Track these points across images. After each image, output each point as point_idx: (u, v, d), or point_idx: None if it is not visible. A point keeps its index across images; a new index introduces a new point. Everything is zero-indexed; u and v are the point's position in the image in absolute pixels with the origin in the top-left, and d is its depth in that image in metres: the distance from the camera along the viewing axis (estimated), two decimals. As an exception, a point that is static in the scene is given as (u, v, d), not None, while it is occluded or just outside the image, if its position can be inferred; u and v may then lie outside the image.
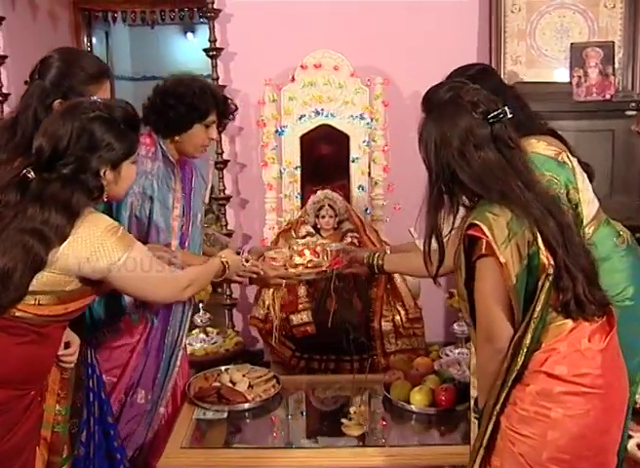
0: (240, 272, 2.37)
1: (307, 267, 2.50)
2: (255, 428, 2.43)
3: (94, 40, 5.38)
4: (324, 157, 3.76)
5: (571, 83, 3.71)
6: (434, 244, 1.77)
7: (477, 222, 1.63)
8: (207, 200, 2.56)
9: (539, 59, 3.88)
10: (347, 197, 3.63)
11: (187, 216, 2.40)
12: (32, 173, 1.74)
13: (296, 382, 2.74)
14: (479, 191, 1.69)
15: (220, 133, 2.39)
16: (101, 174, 1.79)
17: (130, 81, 6.52)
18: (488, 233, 1.61)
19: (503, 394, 1.67)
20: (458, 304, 3.16)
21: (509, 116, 1.71)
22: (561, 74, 3.84)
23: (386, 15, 3.80)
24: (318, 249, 2.55)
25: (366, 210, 3.72)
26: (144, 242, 2.22)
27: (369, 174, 3.70)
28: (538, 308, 1.63)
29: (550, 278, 1.63)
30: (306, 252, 2.54)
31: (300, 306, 3.17)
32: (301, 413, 2.56)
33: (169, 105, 2.23)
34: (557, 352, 1.64)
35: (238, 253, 2.43)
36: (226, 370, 2.66)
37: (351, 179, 3.72)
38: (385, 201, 3.69)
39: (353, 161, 3.70)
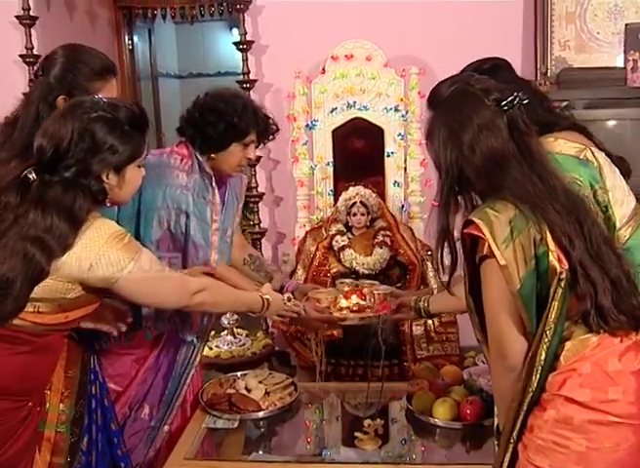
0: (281, 311, 2.27)
1: (353, 311, 2.37)
2: (267, 439, 2.30)
3: (135, 38, 5.34)
4: (357, 152, 3.62)
5: (625, 68, 3.46)
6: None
7: (474, 219, 1.48)
8: (239, 217, 2.45)
9: (589, 44, 3.62)
10: (382, 194, 3.51)
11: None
12: (33, 174, 1.65)
13: (315, 390, 2.60)
14: (486, 188, 1.53)
15: (257, 148, 2.27)
16: (104, 177, 1.70)
17: (176, 79, 6.50)
18: (486, 231, 1.45)
19: (520, 419, 1.49)
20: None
21: (525, 101, 1.54)
22: (614, 59, 3.58)
23: (421, 0, 3.61)
24: (365, 291, 2.41)
25: (402, 207, 3.57)
26: (183, 258, 2.17)
27: (405, 169, 3.55)
28: (551, 319, 1.44)
29: (563, 284, 1.44)
30: (354, 296, 2.40)
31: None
32: (317, 424, 2.42)
33: (207, 122, 2.13)
34: (578, 374, 1.45)
35: (282, 288, 2.34)
36: (243, 375, 2.54)
37: (386, 175, 3.58)
38: (423, 197, 3.53)
39: (388, 156, 3.55)
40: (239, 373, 2.56)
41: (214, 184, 2.22)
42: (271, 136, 2.29)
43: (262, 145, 2.30)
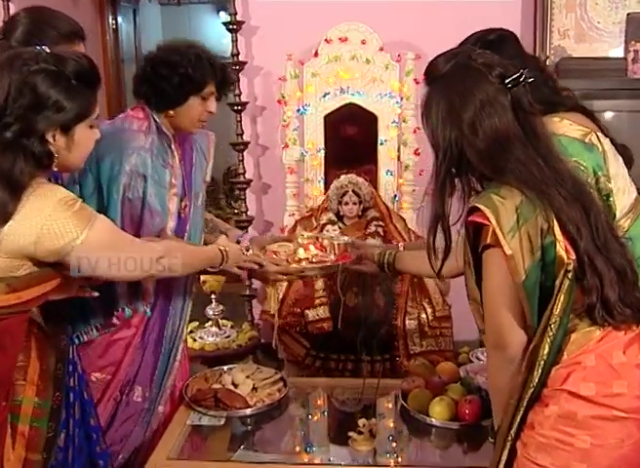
0: (240, 263, 2.13)
1: (312, 262, 2.24)
2: (254, 437, 2.18)
3: (119, 19, 5.18)
4: (349, 139, 3.50)
5: (626, 58, 3.41)
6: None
7: (480, 206, 1.39)
8: (208, 178, 2.31)
9: (589, 33, 3.52)
10: (374, 182, 3.41)
11: (189, 197, 2.17)
12: None
13: (305, 385, 2.49)
14: (488, 172, 1.44)
15: (217, 100, 2.13)
16: (49, 138, 1.53)
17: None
18: (492, 219, 1.37)
19: (519, 415, 1.43)
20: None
21: (530, 80, 1.45)
22: (615, 49, 3.49)
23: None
24: (325, 243, 2.30)
25: (395, 197, 3.47)
26: (138, 226, 2.03)
27: (398, 157, 3.44)
28: (556, 312, 1.38)
29: (570, 275, 1.37)
30: (311, 246, 2.28)
31: (317, 301, 2.94)
32: (307, 423, 2.30)
33: (161, 76, 1.99)
34: (582, 367, 1.39)
35: (238, 243, 2.20)
36: (229, 369, 2.42)
37: (379, 163, 3.46)
38: (416, 187, 3.42)
39: (381, 143, 3.43)
40: (225, 367, 2.45)
41: (173, 147, 2.10)
42: (231, 87, 2.18)
43: (224, 96, 2.17)
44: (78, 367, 1.98)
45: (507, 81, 1.43)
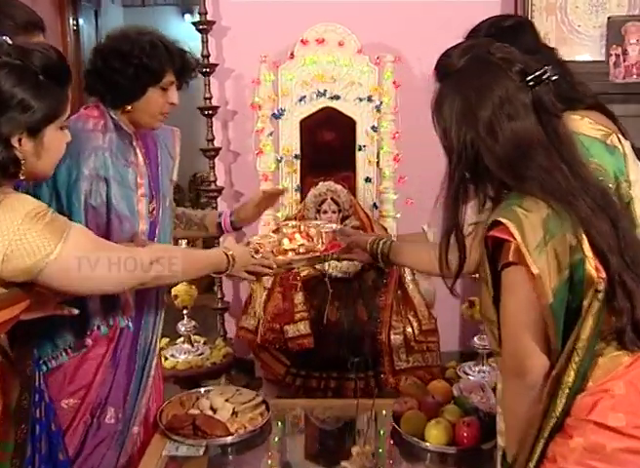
0: (249, 267, 1.96)
1: (298, 253, 2.07)
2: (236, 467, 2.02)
3: (80, 20, 4.96)
4: (327, 144, 3.36)
5: (607, 63, 3.32)
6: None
7: (502, 220, 1.26)
8: (175, 177, 2.13)
9: (570, 36, 3.45)
10: (353, 190, 3.29)
11: (156, 198, 2.00)
12: None
13: (289, 407, 2.33)
14: (508, 179, 1.31)
15: (178, 89, 1.96)
16: (15, 142, 1.36)
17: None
18: (516, 234, 1.24)
19: (539, 447, 1.31)
20: (479, 316, 2.78)
21: (554, 77, 1.33)
22: (596, 53, 3.42)
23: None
24: (312, 232, 2.12)
25: (374, 205, 3.35)
26: (106, 234, 1.84)
27: (377, 164, 3.31)
28: (583, 336, 1.26)
29: (600, 296, 1.25)
30: (297, 235, 2.11)
31: (297, 316, 2.78)
32: (293, 450, 2.15)
33: (113, 69, 1.80)
34: (610, 395, 1.27)
35: (220, 225, 2.15)
36: (207, 392, 2.25)
37: (357, 170, 3.34)
38: (396, 195, 3.30)
39: (360, 149, 3.32)
40: (202, 390, 2.27)
41: (134, 144, 1.93)
42: (193, 74, 1.98)
43: (186, 86, 1.98)
44: (45, 395, 1.79)
45: (529, 79, 1.31)
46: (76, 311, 1.72)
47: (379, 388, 2.76)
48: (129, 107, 1.87)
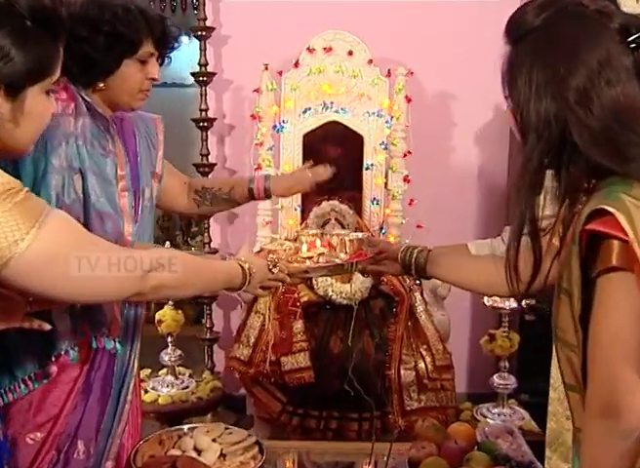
0: (266, 282, 1.67)
1: (317, 262, 1.77)
2: (223, 522, 1.70)
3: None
4: (331, 161, 3.02)
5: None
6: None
7: (609, 209, 0.99)
8: (159, 170, 1.84)
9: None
10: (358, 212, 3.08)
11: (136, 193, 1.72)
12: None
13: (285, 450, 2.03)
14: (606, 160, 1.04)
15: (160, 65, 1.69)
16: None
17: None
18: (627, 228, 0.97)
19: None
20: (500, 350, 2.50)
21: None
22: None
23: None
24: (334, 240, 1.82)
25: (381, 229, 3.10)
26: None
27: (385, 184, 3.10)
28: None
29: None
30: (318, 242, 1.82)
31: (296, 346, 2.51)
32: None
33: (81, 38, 1.53)
34: None
35: (251, 192, 1.92)
36: (190, 430, 1.94)
37: (364, 191, 3.13)
38: (405, 219, 3.08)
39: (367, 168, 3.11)
40: (185, 427, 1.96)
41: (112, 130, 1.65)
42: (175, 44, 1.70)
43: (168, 60, 1.71)
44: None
45: (632, 39, 1.05)
46: (48, 326, 1.41)
47: (385, 430, 2.46)
48: (102, 85, 1.59)
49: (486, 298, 2.44)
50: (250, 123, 3.16)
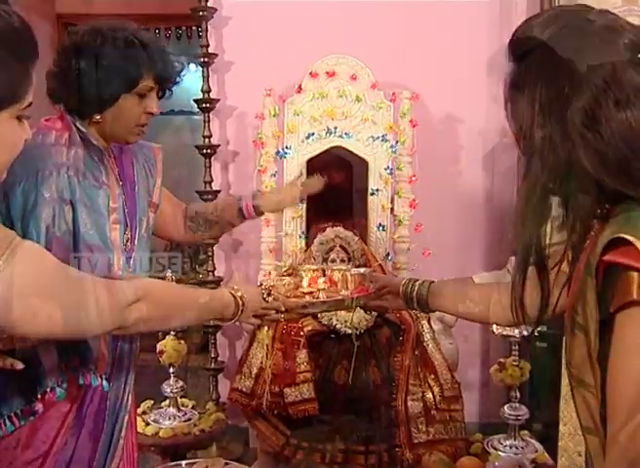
0: (259, 311, 1.64)
1: (317, 298, 1.75)
2: None
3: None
4: (336, 187, 3.02)
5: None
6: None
7: (627, 237, 0.92)
8: (157, 199, 1.79)
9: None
10: (364, 238, 3.00)
11: (131, 225, 1.68)
12: None
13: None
14: (618, 185, 0.97)
15: (160, 98, 1.66)
16: None
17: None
18: None
19: None
20: (510, 380, 2.42)
21: None
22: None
23: (417, 17, 3.17)
24: (336, 276, 1.80)
25: (387, 255, 3.04)
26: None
27: (391, 210, 3.03)
28: None
29: None
30: (320, 280, 1.79)
31: (300, 377, 2.44)
32: None
33: (79, 70, 1.52)
34: None
35: (241, 210, 1.88)
36: (189, 465, 1.88)
37: (369, 216, 3.06)
38: (412, 244, 3.01)
39: (372, 193, 3.04)
40: (184, 463, 1.91)
41: (106, 161, 1.62)
42: (178, 78, 1.68)
43: (169, 93, 1.68)
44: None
45: None
46: (20, 365, 1.37)
47: (392, 464, 2.38)
48: (98, 117, 1.56)
49: (495, 326, 2.37)
50: (254, 149, 3.14)
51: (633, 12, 3.18)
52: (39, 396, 1.51)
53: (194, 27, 4.57)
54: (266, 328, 2.49)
